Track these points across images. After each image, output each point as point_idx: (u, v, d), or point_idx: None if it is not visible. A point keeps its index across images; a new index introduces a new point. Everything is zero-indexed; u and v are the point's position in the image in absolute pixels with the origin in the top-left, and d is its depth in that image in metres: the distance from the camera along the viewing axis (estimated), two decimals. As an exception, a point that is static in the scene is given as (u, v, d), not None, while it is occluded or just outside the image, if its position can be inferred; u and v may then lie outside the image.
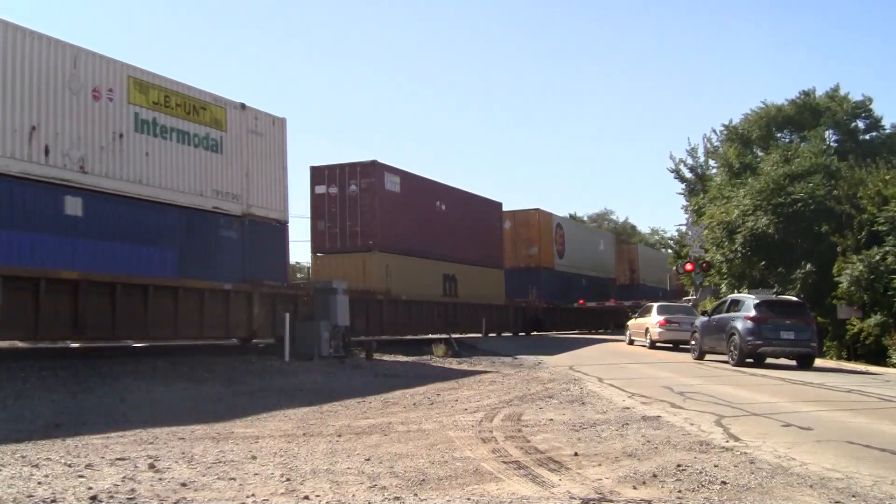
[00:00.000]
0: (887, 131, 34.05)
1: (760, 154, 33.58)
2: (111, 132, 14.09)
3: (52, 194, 13.01)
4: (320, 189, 23.41)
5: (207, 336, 16.67)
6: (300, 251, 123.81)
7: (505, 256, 31.86)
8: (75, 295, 12.97)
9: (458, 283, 26.96)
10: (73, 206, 13.39)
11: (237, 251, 16.79)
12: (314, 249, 23.67)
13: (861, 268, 22.27)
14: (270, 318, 17.16)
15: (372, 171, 23.29)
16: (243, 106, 17.46)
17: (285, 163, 18.80)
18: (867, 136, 34.17)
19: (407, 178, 24.91)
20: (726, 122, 36.61)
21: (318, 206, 23.39)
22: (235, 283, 16.41)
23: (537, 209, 35.03)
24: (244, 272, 16.80)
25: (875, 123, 34.18)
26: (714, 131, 37.44)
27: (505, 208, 32.37)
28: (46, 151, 12.87)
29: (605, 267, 41.68)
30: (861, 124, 34.40)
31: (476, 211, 29.56)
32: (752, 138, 34.82)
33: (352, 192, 23.14)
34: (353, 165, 23.41)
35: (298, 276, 29.56)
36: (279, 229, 18.37)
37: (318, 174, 23.46)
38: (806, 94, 34.69)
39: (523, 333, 31.36)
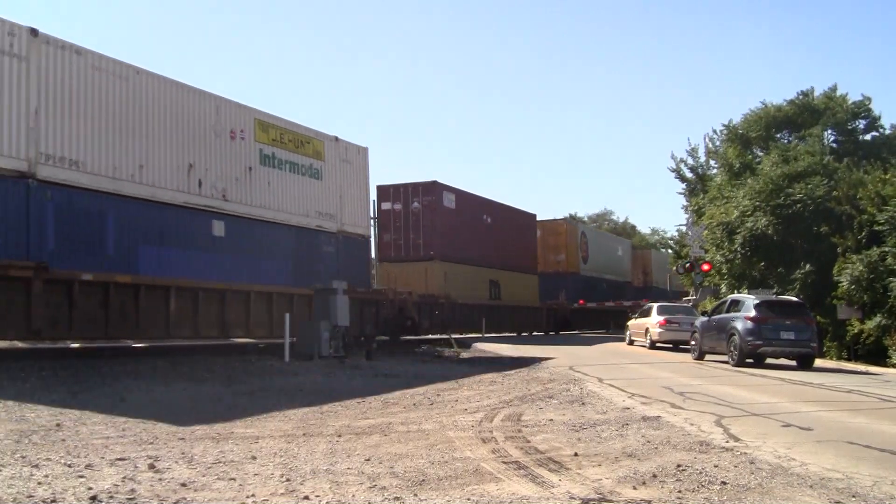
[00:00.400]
0: (887, 132, 34.03)
1: (760, 154, 33.56)
2: (244, 166, 17.74)
3: (204, 219, 16.59)
4: (386, 205, 27.42)
5: None
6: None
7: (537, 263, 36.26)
8: (222, 302, 16.25)
9: (501, 288, 31.21)
10: (219, 228, 16.96)
11: (333, 262, 20.21)
12: (380, 259, 27.15)
13: (861, 268, 22.26)
14: (357, 318, 19.81)
15: (432, 189, 27.49)
16: (336, 139, 20.68)
17: (368, 185, 22.63)
18: (867, 137, 34.14)
19: (461, 195, 29.29)
20: (726, 123, 36.64)
21: (385, 221, 27.36)
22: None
23: (565, 219, 42.33)
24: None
25: (874, 123, 34.16)
26: (715, 131, 37.43)
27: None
28: (199, 184, 16.47)
29: (622, 271, 45.91)
30: (860, 124, 34.37)
31: (515, 222, 33.68)
32: (751, 138, 34.81)
33: (414, 209, 27.31)
34: (415, 185, 27.60)
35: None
36: (364, 243, 22.20)
37: (384, 192, 27.44)
38: (805, 94, 34.68)
39: (553, 332, 34.94)
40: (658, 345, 23.85)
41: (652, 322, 24.26)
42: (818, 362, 18.61)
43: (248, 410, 9.02)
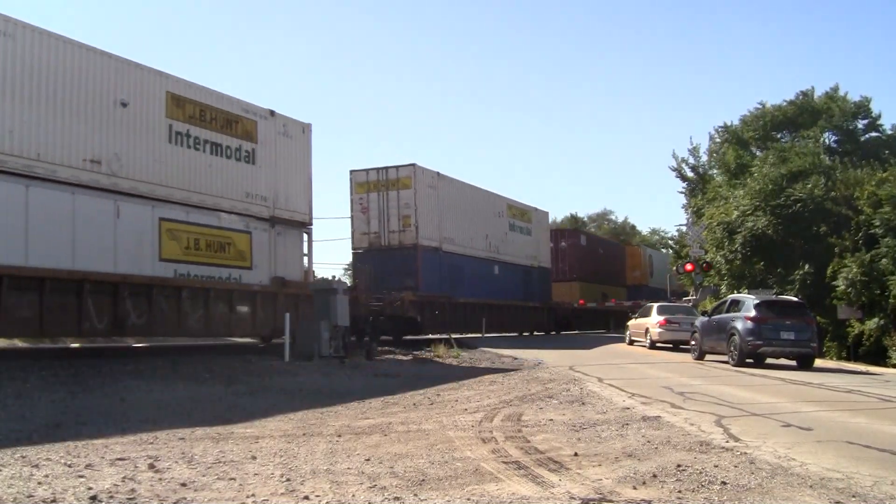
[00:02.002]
0: (887, 132, 34.01)
1: (759, 154, 33.58)
2: (500, 230, 31.49)
3: (486, 266, 29.69)
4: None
5: None
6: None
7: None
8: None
9: (608, 297, 43.24)
10: (496, 271, 30.55)
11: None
12: (554, 280, 38.35)
13: (855, 269, 22.25)
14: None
15: (574, 234, 43.58)
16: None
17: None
18: (866, 137, 34.13)
19: (588, 236, 47.05)
20: (725, 124, 36.65)
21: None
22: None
23: (639, 245, 57.02)
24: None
25: (874, 123, 34.15)
26: (716, 130, 37.40)
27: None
28: (486, 238, 29.75)
29: (664, 279, 52.57)
30: (860, 125, 34.37)
31: (614, 250, 48.87)
32: (749, 139, 34.82)
33: (562, 248, 39.95)
34: (561, 230, 45.10)
35: None
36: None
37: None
38: (805, 94, 34.67)
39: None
40: (658, 345, 23.83)
41: (652, 322, 24.24)
42: (818, 362, 18.60)
43: (248, 410, 9.02)
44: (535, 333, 34.24)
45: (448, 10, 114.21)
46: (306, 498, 4.88)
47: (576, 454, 6.35)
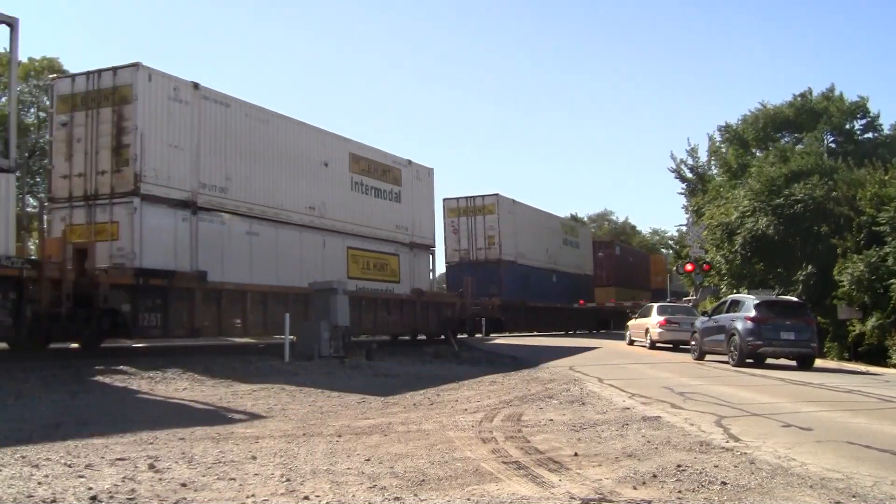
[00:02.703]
0: (886, 132, 34.02)
1: (759, 155, 33.58)
2: (556, 244, 37.74)
3: (547, 275, 36.10)
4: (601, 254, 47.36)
5: None
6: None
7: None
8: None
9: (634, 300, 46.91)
10: (554, 279, 36.81)
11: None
12: (595, 285, 45.05)
13: (862, 268, 22.23)
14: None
15: (610, 245, 49.28)
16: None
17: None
18: (865, 137, 34.13)
19: (623, 247, 51.62)
20: (725, 124, 36.64)
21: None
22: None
23: (661, 253, 62.16)
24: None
25: (872, 124, 34.16)
26: (717, 130, 37.41)
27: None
28: (547, 252, 36.45)
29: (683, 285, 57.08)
30: (858, 125, 34.38)
31: (640, 258, 54.92)
32: (749, 140, 34.82)
33: (599, 257, 45.84)
34: (601, 241, 50.46)
35: None
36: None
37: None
38: (803, 95, 34.68)
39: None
40: (658, 345, 23.82)
41: (652, 322, 24.23)
42: (818, 362, 18.59)
43: (248, 410, 9.01)
44: (579, 331, 39.12)
45: (448, 10, 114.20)
46: (306, 498, 4.88)
47: (576, 454, 6.34)
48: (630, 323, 27.40)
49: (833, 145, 33.19)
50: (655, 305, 25.72)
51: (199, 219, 16.50)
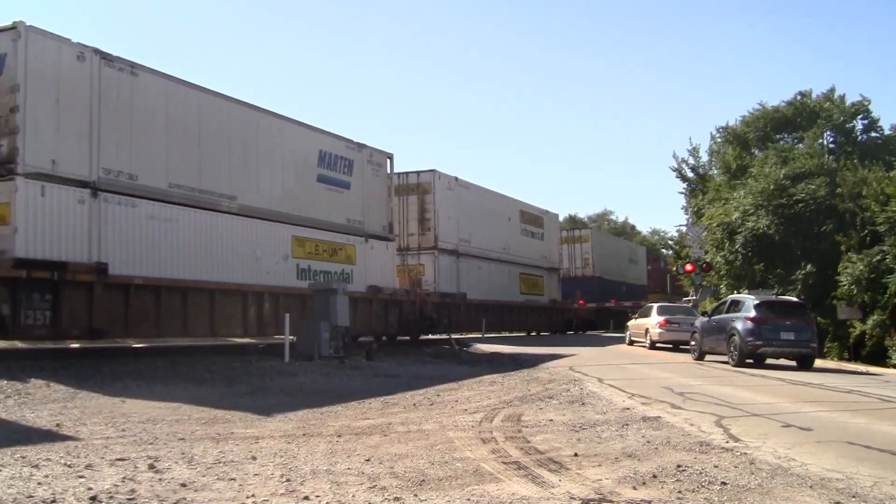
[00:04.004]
0: (886, 132, 34.00)
1: (759, 155, 33.59)
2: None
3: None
4: None
5: None
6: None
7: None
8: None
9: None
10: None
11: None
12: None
13: (861, 267, 22.23)
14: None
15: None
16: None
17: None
18: (865, 137, 34.11)
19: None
20: (724, 124, 36.66)
21: None
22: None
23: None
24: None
25: (873, 124, 34.13)
26: (717, 130, 37.41)
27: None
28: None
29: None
30: (859, 125, 34.36)
31: (659, 268, 55.72)
32: (749, 140, 34.82)
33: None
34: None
35: None
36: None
37: None
38: (803, 95, 34.67)
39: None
40: (658, 345, 23.81)
41: (652, 322, 24.22)
42: (818, 363, 18.59)
43: (248, 410, 9.01)
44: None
45: (448, 10, 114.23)
46: (306, 498, 4.88)
47: (576, 454, 6.34)
48: (630, 323, 27.39)
49: (833, 145, 33.19)
50: (655, 305, 25.70)
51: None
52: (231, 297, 16.45)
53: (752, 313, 17.03)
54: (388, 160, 22.81)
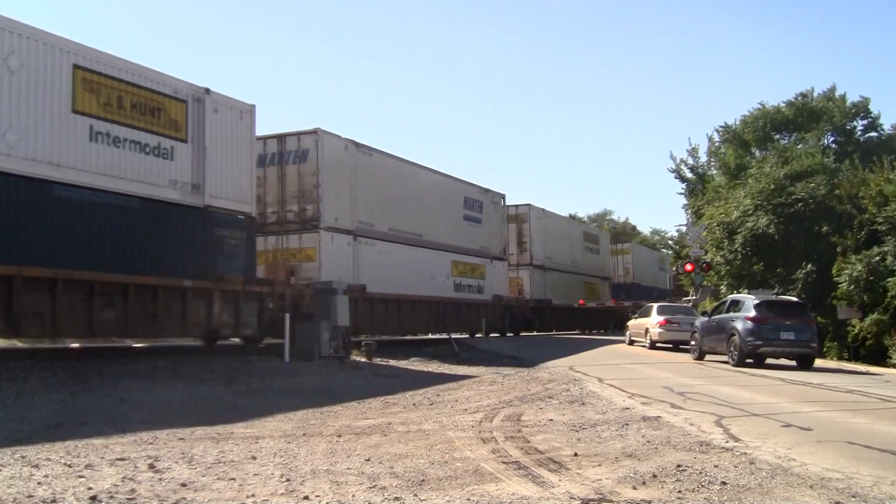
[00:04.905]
0: (886, 132, 34.02)
1: (758, 155, 33.60)
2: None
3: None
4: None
5: None
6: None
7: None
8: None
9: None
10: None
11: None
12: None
13: (860, 268, 22.22)
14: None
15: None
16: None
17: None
18: (865, 137, 34.13)
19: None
20: (724, 124, 36.65)
21: None
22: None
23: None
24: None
25: (873, 124, 34.14)
26: (716, 130, 37.41)
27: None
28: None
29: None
30: (859, 125, 34.37)
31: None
32: (749, 140, 34.83)
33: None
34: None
35: None
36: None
37: None
38: (804, 95, 34.68)
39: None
40: (658, 345, 23.81)
41: (652, 322, 24.21)
42: (818, 362, 18.59)
43: (248, 410, 9.01)
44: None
45: (448, 10, 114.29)
46: (306, 498, 4.88)
47: (576, 454, 6.34)
48: (630, 323, 27.38)
49: (833, 145, 33.21)
50: (655, 305, 25.70)
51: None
52: (427, 306, 23.97)
53: (752, 313, 17.03)
54: (503, 199, 30.10)
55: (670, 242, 61.76)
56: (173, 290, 14.55)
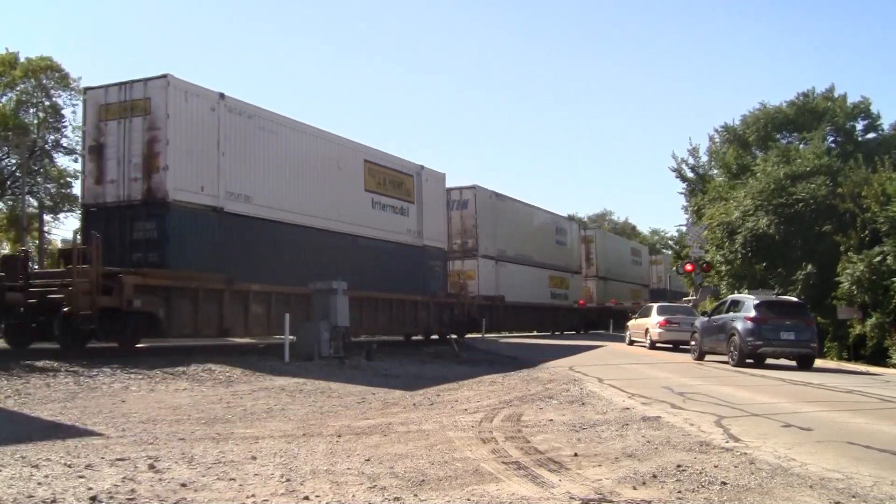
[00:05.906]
0: (886, 132, 34.00)
1: (759, 155, 33.58)
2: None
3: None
4: None
5: None
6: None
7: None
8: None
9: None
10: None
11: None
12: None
13: (862, 268, 22.21)
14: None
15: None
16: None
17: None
18: (866, 137, 34.11)
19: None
20: (725, 124, 36.62)
21: None
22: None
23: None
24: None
25: (873, 124, 34.11)
26: (717, 130, 37.38)
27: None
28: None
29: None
30: (860, 125, 34.35)
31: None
32: (750, 140, 34.82)
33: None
34: None
35: None
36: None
37: None
38: (805, 95, 34.66)
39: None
40: (658, 345, 23.81)
41: (652, 322, 24.22)
42: (818, 363, 18.58)
43: (249, 410, 9.01)
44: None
45: (447, 6, 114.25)
46: (306, 498, 4.88)
47: (576, 454, 6.34)
48: (630, 323, 27.38)
49: (834, 145, 33.22)
50: (655, 305, 25.71)
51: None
52: (543, 311, 35.11)
53: (752, 313, 17.03)
54: (577, 224, 43.33)
55: (670, 242, 61.78)
56: (412, 303, 22.89)
